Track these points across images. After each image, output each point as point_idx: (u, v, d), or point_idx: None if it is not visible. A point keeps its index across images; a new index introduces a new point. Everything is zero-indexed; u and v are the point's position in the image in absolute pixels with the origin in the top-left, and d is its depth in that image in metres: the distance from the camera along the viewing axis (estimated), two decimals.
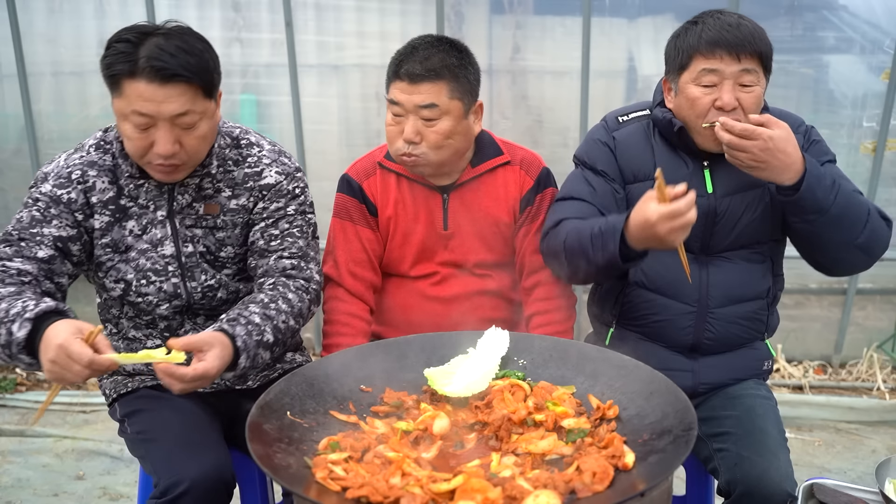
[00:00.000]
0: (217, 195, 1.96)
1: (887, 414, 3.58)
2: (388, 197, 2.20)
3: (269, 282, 1.95)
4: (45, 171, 1.91)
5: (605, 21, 3.62)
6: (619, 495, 1.34)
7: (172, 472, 1.75)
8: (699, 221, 1.96)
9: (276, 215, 1.98)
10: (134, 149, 1.80)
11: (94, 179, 1.88)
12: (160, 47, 1.71)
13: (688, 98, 1.92)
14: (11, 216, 1.88)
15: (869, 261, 1.96)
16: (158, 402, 1.97)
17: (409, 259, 2.23)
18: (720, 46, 1.85)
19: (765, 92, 1.94)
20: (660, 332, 2.08)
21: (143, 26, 1.78)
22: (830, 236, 1.90)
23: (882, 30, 3.54)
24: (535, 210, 2.21)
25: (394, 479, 1.36)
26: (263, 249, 1.98)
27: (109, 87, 1.77)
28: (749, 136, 1.80)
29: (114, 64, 1.72)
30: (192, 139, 1.80)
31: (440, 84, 2.02)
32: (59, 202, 1.86)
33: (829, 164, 2.01)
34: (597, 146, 2.09)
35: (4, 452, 3.32)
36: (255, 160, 1.99)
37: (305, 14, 3.67)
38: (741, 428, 1.91)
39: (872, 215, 1.91)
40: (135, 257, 1.92)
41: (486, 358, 1.79)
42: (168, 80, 1.71)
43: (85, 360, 1.54)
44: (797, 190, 1.84)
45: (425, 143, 2.05)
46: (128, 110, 1.74)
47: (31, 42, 3.76)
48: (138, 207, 1.91)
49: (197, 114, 1.78)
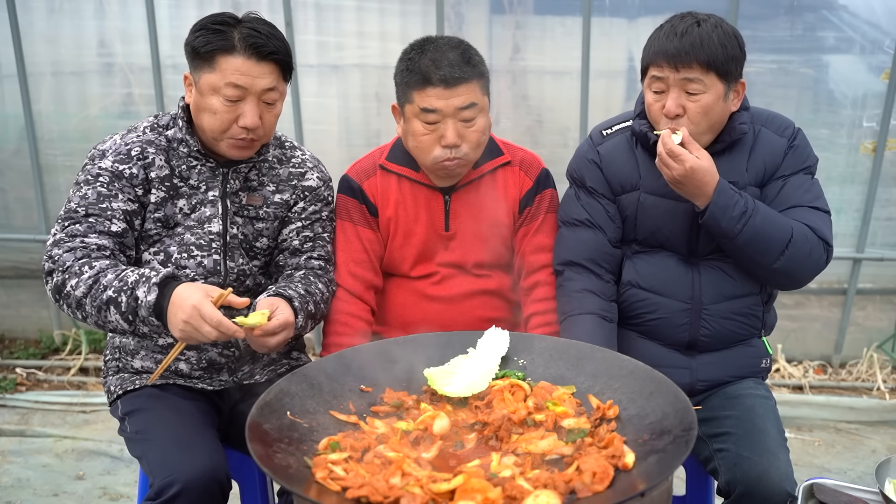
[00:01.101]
0: (261, 188, 2.08)
1: (887, 414, 3.58)
2: (389, 198, 2.20)
3: (299, 273, 2.10)
4: (102, 148, 1.98)
5: (605, 21, 3.62)
6: (619, 495, 1.34)
7: (167, 472, 1.76)
8: (685, 225, 2.05)
9: (312, 217, 2.14)
10: (219, 122, 1.91)
11: (153, 156, 1.97)
12: (256, 28, 1.90)
13: (646, 101, 2.00)
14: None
15: (794, 282, 2.04)
16: (158, 402, 1.99)
17: (410, 260, 2.23)
18: (661, 56, 1.92)
19: (737, 98, 1.98)
20: (656, 331, 2.11)
21: (228, 13, 1.95)
22: (742, 259, 2.01)
23: (882, 30, 3.54)
24: (534, 210, 2.22)
25: (394, 479, 1.36)
26: (296, 249, 2.12)
27: (198, 65, 1.91)
28: (674, 157, 1.89)
29: (211, 41, 1.88)
30: (271, 116, 1.97)
31: (473, 83, 2.04)
32: (121, 177, 1.94)
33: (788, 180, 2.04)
34: (584, 163, 2.17)
35: (4, 452, 3.32)
36: (300, 161, 2.15)
37: (305, 14, 3.67)
38: (741, 428, 1.92)
39: (795, 243, 1.94)
40: (180, 232, 2.00)
41: (486, 358, 1.79)
42: (264, 57, 1.89)
43: (215, 320, 1.71)
44: (703, 216, 1.94)
45: (466, 144, 2.06)
46: (221, 83, 1.88)
47: (31, 42, 3.76)
48: (188, 188, 2.00)
49: (279, 92, 1.96)
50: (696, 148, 1.90)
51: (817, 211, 2.01)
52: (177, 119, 2.00)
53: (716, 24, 1.92)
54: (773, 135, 2.05)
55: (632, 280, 2.12)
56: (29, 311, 4.21)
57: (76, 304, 1.81)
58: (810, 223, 1.98)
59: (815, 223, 1.98)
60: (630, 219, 2.12)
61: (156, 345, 2.05)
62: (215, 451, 1.86)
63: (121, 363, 2.09)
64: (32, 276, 4.10)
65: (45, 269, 1.86)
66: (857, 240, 3.73)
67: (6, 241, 4.03)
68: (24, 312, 4.22)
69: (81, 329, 4.08)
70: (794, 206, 2.00)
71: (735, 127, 2.00)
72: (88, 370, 3.98)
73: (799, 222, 1.97)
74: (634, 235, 2.13)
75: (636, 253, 2.14)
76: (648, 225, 2.10)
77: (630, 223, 2.12)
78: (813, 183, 2.06)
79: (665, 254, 2.11)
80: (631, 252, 2.15)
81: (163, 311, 1.75)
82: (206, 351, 2.05)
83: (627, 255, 2.16)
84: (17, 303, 4.20)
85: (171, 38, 3.72)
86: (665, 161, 1.90)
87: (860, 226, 3.72)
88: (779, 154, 2.04)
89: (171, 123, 2.02)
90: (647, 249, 2.13)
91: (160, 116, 2.05)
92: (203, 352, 2.05)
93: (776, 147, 2.04)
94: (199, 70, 1.92)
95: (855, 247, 3.74)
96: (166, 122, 2.03)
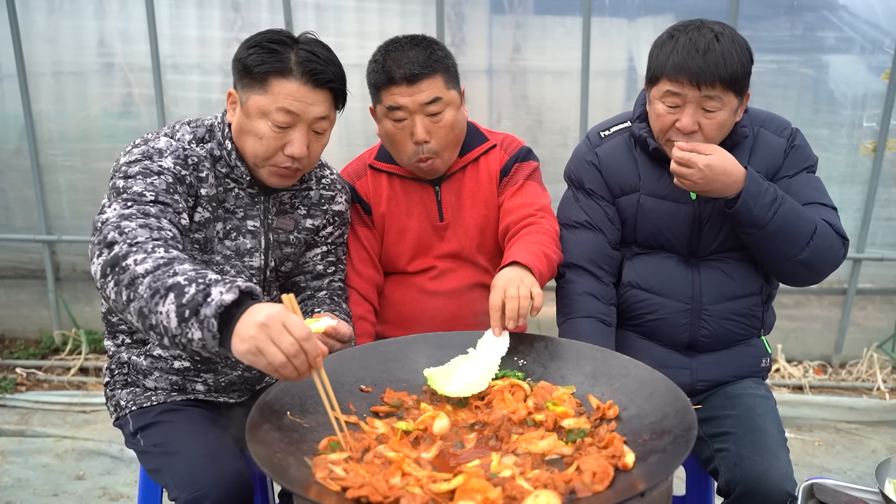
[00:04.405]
0: (293, 211, 2.00)
1: (887, 414, 3.58)
2: (381, 195, 2.22)
3: (322, 293, 2.05)
4: (157, 146, 1.78)
5: (605, 21, 3.62)
6: (619, 495, 1.34)
7: (195, 486, 1.70)
8: (686, 227, 2.04)
9: (337, 242, 2.10)
10: (264, 148, 1.80)
11: (207, 171, 1.84)
12: (314, 53, 1.79)
13: (654, 112, 1.98)
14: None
15: (814, 276, 2.02)
16: (175, 415, 1.92)
17: (406, 255, 2.24)
18: (682, 73, 1.88)
19: (742, 107, 1.97)
20: (656, 331, 2.11)
21: (285, 31, 1.82)
22: (768, 250, 1.97)
23: (882, 30, 3.54)
24: (513, 177, 2.22)
25: (394, 479, 1.36)
26: (320, 273, 2.08)
27: (248, 84, 1.79)
28: (686, 164, 1.87)
29: (266, 61, 1.76)
30: (318, 146, 1.86)
31: (436, 77, 2.04)
32: (182, 181, 1.78)
33: (793, 179, 2.04)
34: (582, 165, 2.16)
35: (4, 452, 3.32)
36: (329, 183, 2.07)
37: (305, 14, 3.67)
38: (741, 428, 1.92)
39: (820, 234, 1.94)
40: (219, 262, 1.88)
41: (486, 358, 1.79)
42: (321, 84, 1.79)
43: (304, 332, 1.39)
44: (734, 203, 1.91)
45: (435, 139, 2.07)
46: (272, 108, 1.77)
47: (31, 42, 3.76)
48: (224, 211, 1.88)
49: (329, 121, 1.86)
50: (704, 147, 1.89)
51: (826, 207, 2.02)
52: (215, 132, 1.87)
53: (732, 38, 1.89)
54: (773, 135, 2.06)
55: (632, 281, 2.12)
56: (29, 311, 4.21)
57: (129, 280, 1.49)
58: (825, 218, 1.98)
59: (830, 218, 1.99)
60: (630, 221, 2.12)
61: (171, 367, 1.95)
62: (241, 462, 1.79)
63: (130, 378, 2.00)
64: (32, 276, 4.10)
65: (106, 239, 1.57)
66: (857, 240, 3.73)
67: (6, 241, 4.03)
68: (24, 312, 4.22)
69: (82, 329, 4.08)
70: (805, 203, 2.00)
71: (736, 129, 2.00)
72: (88, 370, 3.98)
73: (816, 216, 1.97)
74: (634, 237, 2.13)
75: (636, 254, 2.14)
76: (649, 227, 2.10)
77: (630, 225, 2.12)
78: (818, 180, 2.07)
79: (665, 254, 2.11)
80: (631, 254, 2.15)
81: (231, 319, 1.41)
82: (224, 374, 1.99)
83: (627, 257, 2.16)
84: (17, 303, 4.21)
85: (171, 38, 3.73)
86: (680, 172, 1.89)
87: (860, 226, 3.72)
88: (779, 154, 2.04)
89: (207, 136, 1.87)
90: (647, 251, 2.13)
91: (195, 127, 1.88)
92: (221, 375, 1.99)
93: (776, 147, 2.05)
94: (248, 90, 1.79)
95: (855, 247, 3.74)
96: (202, 134, 1.87)
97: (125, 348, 2.00)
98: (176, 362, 1.96)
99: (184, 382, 1.98)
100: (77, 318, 4.12)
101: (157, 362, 1.96)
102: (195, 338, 1.43)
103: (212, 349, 1.43)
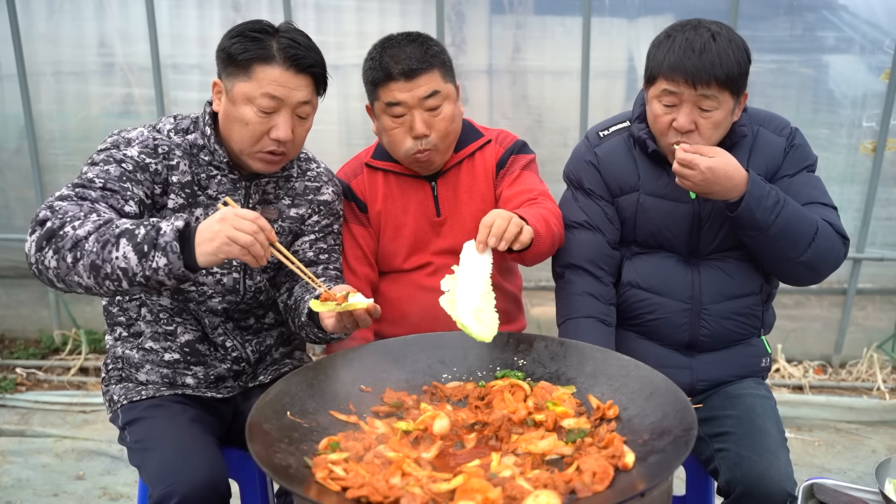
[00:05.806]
0: (276, 202, 2.04)
1: (887, 414, 3.58)
2: (377, 193, 2.22)
3: (321, 280, 2.04)
4: (128, 136, 1.88)
5: (605, 21, 3.62)
6: (619, 495, 1.34)
7: (166, 482, 1.72)
8: (685, 226, 2.04)
9: (325, 231, 2.11)
10: (250, 133, 1.86)
11: (178, 159, 1.90)
12: (294, 39, 1.86)
13: (652, 112, 1.98)
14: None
15: (815, 276, 2.02)
16: (159, 411, 1.95)
17: (403, 252, 2.25)
18: (678, 72, 1.88)
19: (740, 106, 1.97)
20: (656, 331, 2.11)
21: (265, 21, 1.89)
22: (771, 252, 1.97)
23: (882, 30, 3.54)
24: (510, 168, 2.23)
25: (394, 479, 1.36)
26: (311, 261, 2.08)
27: (232, 73, 1.85)
28: (688, 165, 1.87)
29: (249, 49, 1.83)
30: (302, 130, 1.92)
31: (433, 72, 2.06)
32: (145, 169, 1.85)
33: (793, 179, 2.04)
34: (581, 165, 2.16)
35: (4, 452, 3.32)
36: (315, 175, 2.11)
37: (305, 14, 3.68)
38: (741, 428, 1.92)
39: (821, 235, 1.94)
40: None
41: (475, 276, 1.83)
42: (302, 69, 1.85)
43: (254, 213, 1.61)
44: (737, 208, 1.91)
45: (435, 132, 2.08)
46: (257, 93, 1.83)
47: (31, 42, 3.76)
48: (206, 198, 1.94)
49: (312, 106, 1.92)
50: (706, 150, 1.89)
51: (826, 207, 2.02)
52: (199, 123, 1.94)
53: (729, 37, 1.89)
54: (772, 134, 2.06)
55: (632, 280, 2.13)
56: (29, 311, 4.22)
57: (72, 244, 1.60)
58: (826, 218, 1.98)
59: (830, 218, 1.99)
60: (629, 220, 2.12)
61: (161, 360, 2.00)
62: (215, 460, 1.82)
63: (124, 373, 2.05)
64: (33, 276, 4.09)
65: (38, 217, 1.67)
66: (857, 240, 3.73)
67: (6, 241, 4.03)
68: (24, 312, 4.22)
69: (82, 329, 4.08)
70: (805, 203, 2.00)
71: (735, 129, 2.00)
72: (88, 370, 3.98)
73: (817, 216, 1.97)
74: (634, 237, 2.14)
75: (636, 254, 2.14)
76: (648, 226, 2.10)
77: (629, 225, 2.13)
78: (818, 180, 2.07)
79: (665, 254, 2.11)
80: (630, 253, 2.15)
81: (190, 235, 1.59)
82: (214, 367, 2.03)
83: (627, 257, 2.16)
84: (17, 303, 4.21)
85: (171, 38, 3.73)
86: (682, 173, 1.89)
87: (860, 226, 3.72)
88: (779, 154, 2.04)
89: (191, 128, 1.95)
90: (647, 250, 2.13)
91: (179, 119, 1.97)
92: (211, 368, 2.03)
93: (775, 147, 2.05)
94: (232, 78, 1.85)
95: (855, 247, 3.74)
96: (186, 125, 1.95)
97: (120, 342, 2.04)
98: (167, 354, 2.00)
99: (174, 376, 2.01)
100: (77, 317, 4.12)
101: (149, 355, 2.01)
102: (160, 265, 1.58)
103: (177, 271, 1.59)
